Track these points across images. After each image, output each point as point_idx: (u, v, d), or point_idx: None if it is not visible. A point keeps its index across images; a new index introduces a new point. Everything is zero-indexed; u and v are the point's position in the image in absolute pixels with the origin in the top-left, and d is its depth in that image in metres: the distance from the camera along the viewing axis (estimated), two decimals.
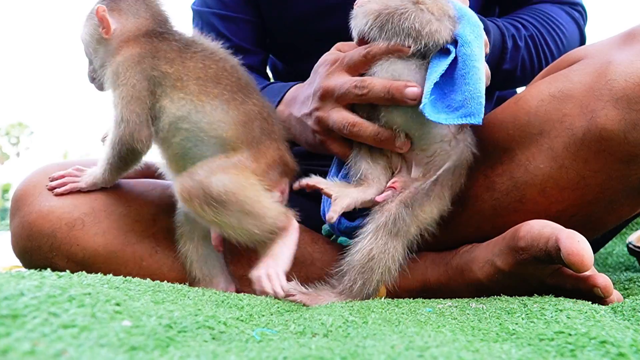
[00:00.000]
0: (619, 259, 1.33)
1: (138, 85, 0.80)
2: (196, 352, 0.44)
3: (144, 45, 0.83)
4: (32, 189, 0.87)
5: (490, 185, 0.84)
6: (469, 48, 0.74)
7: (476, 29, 0.76)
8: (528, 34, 1.00)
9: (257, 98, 0.84)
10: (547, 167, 0.79)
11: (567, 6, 1.08)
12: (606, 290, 0.73)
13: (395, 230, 0.77)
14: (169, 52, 0.82)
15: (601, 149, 0.75)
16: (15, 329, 0.42)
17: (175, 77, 0.81)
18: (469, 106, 0.72)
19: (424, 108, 0.72)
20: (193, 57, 0.83)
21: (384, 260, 0.77)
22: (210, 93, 0.81)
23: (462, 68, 0.73)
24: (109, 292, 0.55)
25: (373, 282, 0.77)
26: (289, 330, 0.56)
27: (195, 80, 0.81)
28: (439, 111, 0.73)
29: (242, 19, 1.11)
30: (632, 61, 0.74)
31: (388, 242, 0.77)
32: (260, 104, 0.84)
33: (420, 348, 0.45)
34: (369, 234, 0.77)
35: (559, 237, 0.70)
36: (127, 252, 0.85)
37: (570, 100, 0.78)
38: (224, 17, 1.12)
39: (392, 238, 0.77)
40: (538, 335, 0.52)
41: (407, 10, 0.75)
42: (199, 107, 0.80)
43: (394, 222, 0.77)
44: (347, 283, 0.77)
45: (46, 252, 0.84)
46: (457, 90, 0.73)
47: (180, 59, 0.82)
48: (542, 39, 1.01)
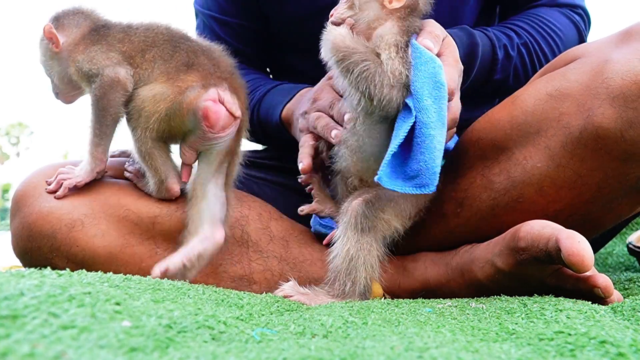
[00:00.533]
0: (619, 259, 1.33)
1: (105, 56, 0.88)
2: (196, 353, 0.44)
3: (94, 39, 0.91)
4: (32, 189, 0.87)
5: (487, 185, 0.84)
6: (425, 115, 0.74)
7: (437, 90, 0.75)
8: (522, 41, 0.99)
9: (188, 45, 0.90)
10: (545, 166, 0.79)
11: (566, 9, 1.07)
12: (607, 290, 0.73)
13: (361, 226, 0.80)
14: (118, 34, 0.90)
15: (598, 147, 0.75)
16: (15, 330, 0.42)
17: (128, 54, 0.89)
18: (423, 176, 0.75)
19: (380, 179, 0.74)
20: (136, 32, 0.90)
21: (362, 257, 0.79)
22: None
23: (419, 136, 0.74)
24: (109, 291, 0.55)
25: (361, 280, 0.79)
26: (288, 330, 0.56)
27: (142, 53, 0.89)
28: (396, 177, 0.76)
29: (239, 24, 1.12)
30: (629, 59, 0.74)
31: (360, 239, 0.79)
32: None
33: (419, 349, 0.45)
34: (340, 237, 0.80)
35: (559, 237, 0.70)
36: (126, 254, 0.85)
37: (567, 99, 0.78)
38: (221, 21, 1.13)
39: (362, 234, 0.80)
40: (538, 335, 0.52)
41: (367, 68, 0.76)
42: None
43: (358, 219, 0.80)
44: (338, 287, 0.79)
45: (46, 253, 0.84)
46: (413, 158, 0.75)
47: (127, 37, 0.90)
48: (537, 45, 1.00)
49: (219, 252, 0.86)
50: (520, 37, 1.00)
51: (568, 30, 1.05)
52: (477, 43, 0.94)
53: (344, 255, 0.79)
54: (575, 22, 1.06)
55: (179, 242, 0.85)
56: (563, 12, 1.06)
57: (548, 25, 1.02)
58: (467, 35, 0.94)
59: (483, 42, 0.95)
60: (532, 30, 1.01)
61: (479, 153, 0.86)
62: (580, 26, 1.07)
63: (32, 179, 0.89)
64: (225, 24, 1.13)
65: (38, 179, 0.88)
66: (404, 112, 0.76)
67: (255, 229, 0.90)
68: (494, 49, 0.97)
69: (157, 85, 0.86)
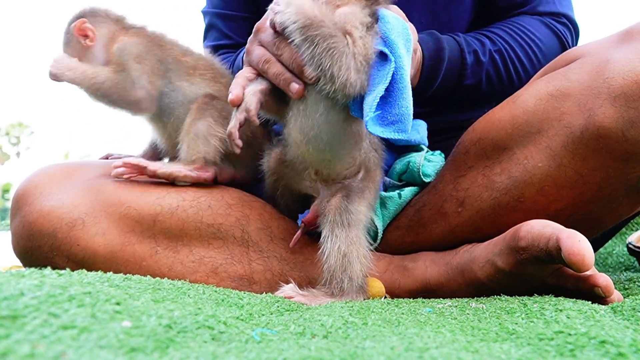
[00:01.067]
0: (619, 259, 1.33)
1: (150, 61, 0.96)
2: (196, 353, 0.44)
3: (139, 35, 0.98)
4: (33, 188, 0.87)
5: (488, 185, 0.84)
6: (402, 62, 0.73)
7: (408, 42, 0.76)
8: (495, 48, 0.99)
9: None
10: (546, 166, 0.79)
11: (549, 18, 1.06)
12: (607, 289, 0.73)
13: (347, 222, 0.80)
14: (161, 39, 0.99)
15: (599, 147, 0.75)
16: (15, 330, 0.42)
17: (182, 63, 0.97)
18: (403, 121, 0.73)
19: (367, 123, 0.72)
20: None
21: (355, 251, 0.80)
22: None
23: (399, 82, 0.73)
24: (109, 291, 0.55)
25: (358, 274, 0.80)
26: (288, 330, 0.56)
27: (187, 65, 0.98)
28: (374, 123, 0.73)
29: (241, 16, 1.18)
30: (630, 59, 0.74)
31: (348, 234, 0.80)
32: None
33: (419, 349, 0.45)
34: (328, 236, 0.80)
35: (559, 236, 0.70)
36: (127, 253, 0.85)
37: (568, 98, 0.78)
38: (225, 15, 1.19)
39: (349, 229, 0.80)
40: (538, 335, 0.52)
41: (334, 45, 0.73)
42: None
43: (343, 215, 0.81)
44: (335, 286, 0.79)
45: (46, 252, 0.84)
46: (393, 104, 0.73)
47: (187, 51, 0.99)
48: (513, 52, 1.00)
49: (219, 252, 0.87)
50: (494, 44, 1.00)
51: (548, 39, 1.04)
52: (444, 47, 0.95)
53: (336, 253, 0.79)
54: (557, 31, 1.06)
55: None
56: (545, 21, 1.06)
57: (526, 34, 1.02)
58: (434, 40, 0.95)
59: (451, 47, 0.96)
60: (509, 37, 1.01)
61: (480, 153, 0.86)
62: (562, 35, 1.06)
63: (33, 178, 0.89)
64: (229, 19, 1.19)
65: (39, 179, 0.89)
66: (377, 61, 0.74)
67: (255, 229, 0.90)
68: (462, 54, 0.97)
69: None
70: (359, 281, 0.80)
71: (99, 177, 0.91)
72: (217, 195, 0.91)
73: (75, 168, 0.93)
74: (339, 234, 0.80)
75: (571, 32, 1.08)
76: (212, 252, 0.88)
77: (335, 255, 0.79)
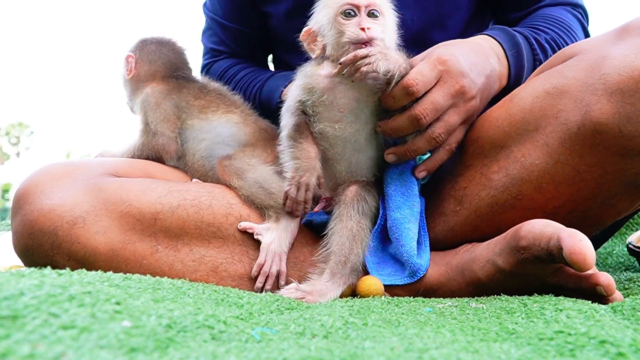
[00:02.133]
0: (619, 259, 1.33)
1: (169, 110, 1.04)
2: (196, 353, 0.44)
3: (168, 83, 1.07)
4: (33, 187, 0.87)
5: (486, 183, 0.84)
6: (399, 212, 0.86)
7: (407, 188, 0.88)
8: (549, 37, 1.00)
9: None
10: (543, 163, 0.80)
11: (570, 7, 1.08)
12: (609, 288, 0.72)
13: (360, 208, 0.85)
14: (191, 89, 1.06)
15: (596, 143, 0.76)
16: (15, 330, 0.42)
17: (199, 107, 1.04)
18: (410, 266, 0.85)
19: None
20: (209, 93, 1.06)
21: (363, 235, 0.84)
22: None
23: (395, 232, 0.86)
24: (109, 291, 0.55)
25: (360, 257, 0.84)
26: (288, 330, 0.56)
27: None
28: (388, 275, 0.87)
29: (238, 29, 1.26)
30: (626, 55, 0.75)
31: (360, 220, 0.85)
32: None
33: (419, 350, 0.45)
34: (340, 216, 0.85)
35: (560, 236, 0.70)
36: (127, 251, 0.85)
37: (564, 95, 0.79)
38: (223, 25, 1.27)
39: (360, 215, 0.85)
40: (538, 335, 0.52)
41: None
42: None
43: (360, 202, 0.85)
44: (338, 264, 0.83)
45: (47, 250, 0.84)
46: (397, 254, 0.86)
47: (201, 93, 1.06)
48: (561, 40, 1.01)
49: (219, 251, 0.87)
50: (546, 33, 1.01)
51: (577, 26, 1.06)
52: (514, 34, 0.96)
53: (347, 231, 0.83)
54: (579, 18, 1.08)
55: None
56: (568, 10, 1.07)
57: (563, 22, 1.03)
58: (502, 31, 0.96)
59: (518, 34, 0.96)
60: (553, 27, 1.02)
61: (478, 151, 0.86)
62: (583, 22, 1.08)
63: (34, 177, 0.89)
64: (226, 28, 1.27)
65: (40, 177, 0.89)
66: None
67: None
68: (528, 40, 0.97)
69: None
70: (357, 264, 0.83)
71: (100, 175, 0.91)
72: (217, 195, 0.91)
73: (76, 167, 0.93)
74: (353, 216, 0.84)
75: (587, 22, 1.11)
76: (213, 251, 0.88)
77: (346, 233, 0.83)
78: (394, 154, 0.86)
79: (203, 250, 0.88)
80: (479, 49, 0.89)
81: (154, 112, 1.03)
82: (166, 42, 1.12)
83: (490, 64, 0.89)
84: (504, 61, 0.93)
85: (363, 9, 0.83)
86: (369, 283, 0.83)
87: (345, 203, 0.85)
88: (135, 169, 0.97)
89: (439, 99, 0.82)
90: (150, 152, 1.03)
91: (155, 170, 0.99)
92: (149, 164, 1.02)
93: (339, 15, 0.84)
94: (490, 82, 0.88)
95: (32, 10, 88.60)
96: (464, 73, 0.83)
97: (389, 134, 0.85)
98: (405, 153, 0.85)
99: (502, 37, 0.94)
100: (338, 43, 0.84)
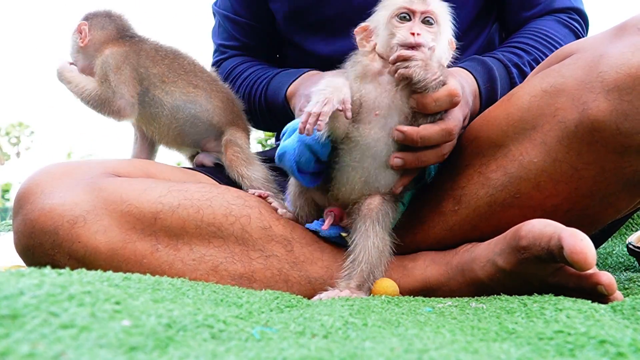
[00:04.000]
0: (618, 259, 1.33)
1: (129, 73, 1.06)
2: (195, 352, 0.44)
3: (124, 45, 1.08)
4: (34, 187, 0.88)
5: (485, 182, 0.85)
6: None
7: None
8: (531, 58, 1.02)
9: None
10: (541, 161, 0.80)
11: (563, 15, 1.09)
12: (610, 287, 0.72)
13: (382, 222, 0.84)
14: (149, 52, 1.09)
15: (594, 141, 0.76)
16: (15, 329, 0.42)
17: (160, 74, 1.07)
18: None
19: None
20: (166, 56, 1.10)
21: (386, 251, 0.84)
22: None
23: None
24: (108, 290, 0.55)
25: (382, 272, 0.84)
26: (288, 329, 0.56)
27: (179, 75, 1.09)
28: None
29: (247, 23, 1.26)
30: (623, 52, 0.75)
31: (383, 236, 0.84)
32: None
33: (419, 350, 0.45)
34: (364, 231, 0.83)
35: (561, 235, 0.70)
36: (127, 250, 0.85)
37: (562, 94, 0.79)
38: (233, 20, 1.27)
39: (383, 230, 0.84)
40: (537, 335, 0.52)
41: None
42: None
43: (382, 216, 0.84)
44: (363, 278, 0.82)
45: (48, 250, 0.84)
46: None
47: (158, 56, 1.09)
48: (546, 57, 1.02)
49: (219, 250, 0.88)
50: (529, 54, 1.03)
51: (568, 38, 1.07)
52: (492, 67, 0.98)
53: (375, 249, 0.82)
54: (574, 29, 1.08)
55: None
56: (561, 19, 1.08)
57: (552, 38, 1.05)
58: (481, 64, 0.98)
59: (496, 66, 0.99)
60: (538, 45, 1.04)
61: (476, 150, 0.87)
62: (578, 32, 1.09)
63: (35, 177, 0.89)
64: (236, 23, 1.27)
65: (41, 177, 0.89)
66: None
67: (256, 228, 0.90)
68: (507, 70, 1.00)
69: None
70: (374, 279, 0.83)
71: (100, 175, 0.91)
72: (218, 194, 0.91)
73: (76, 167, 0.93)
74: (378, 232, 0.83)
75: (582, 26, 1.11)
76: (213, 251, 0.88)
77: (373, 251, 0.82)
78: (402, 159, 0.83)
79: (203, 249, 0.88)
80: (465, 85, 0.91)
81: (114, 74, 1.05)
82: (111, 11, 1.14)
83: (470, 100, 0.92)
84: (478, 96, 0.97)
85: (418, 15, 0.83)
86: (385, 285, 0.83)
87: (370, 217, 0.84)
88: (136, 169, 0.97)
89: (460, 118, 0.85)
90: (102, 105, 1.06)
91: (156, 170, 0.99)
92: (149, 164, 1.02)
93: (394, 18, 0.84)
94: (468, 118, 0.92)
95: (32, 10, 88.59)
96: (468, 103, 0.90)
97: (415, 141, 0.82)
98: (413, 162, 0.83)
99: (478, 70, 0.97)
100: (388, 44, 0.84)
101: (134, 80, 1.06)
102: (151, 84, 1.07)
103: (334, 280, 0.85)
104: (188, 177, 1.03)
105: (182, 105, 1.07)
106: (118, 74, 1.05)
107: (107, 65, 1.05)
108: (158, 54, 1.09)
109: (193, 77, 1.09)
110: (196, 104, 1.08)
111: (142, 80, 1.06)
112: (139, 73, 1.06)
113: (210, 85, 1.11)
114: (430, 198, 0.91)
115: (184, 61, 1.11)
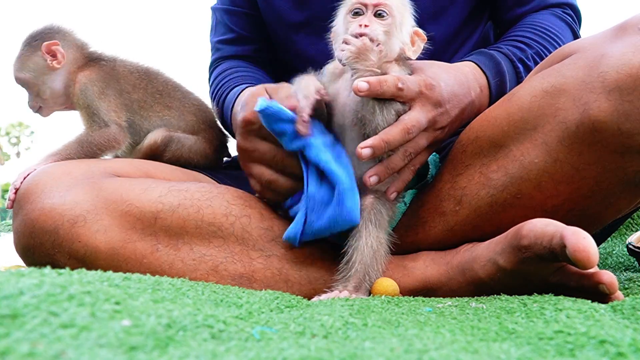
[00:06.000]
0: (619, 259, 1.33)
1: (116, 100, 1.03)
2: (195, 351, 0.44)
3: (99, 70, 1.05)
4: (34, 187, 0.88)
5: (485, 182, 0.85)
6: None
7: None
8: (533, 51, 1.01)
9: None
10: (542, 162, 0.80)
11: (558, 9, 1.08)
12: (612, 286, 0.72)
13: (377, 221, 0.83)
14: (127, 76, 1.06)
15: (595, 141, 0.76)
16: (15, 329, 0.42)
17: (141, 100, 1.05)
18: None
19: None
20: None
21: (382, 250, 0.83)
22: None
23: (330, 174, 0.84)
24: (108, 290, 0.55)
25: (379, 272, 0.83)
26: (288, 329, 0.56)
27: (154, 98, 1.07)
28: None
29: (245, 12, 1.25)
30: (624, 52, 0.75)
31: (378, 235, 0.83)
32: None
33: (419, 351, 0.45)
34: (360, 232, 0.82)
35: (564, 234, 0.70)
36: (128, 250, 0.86)
37: (563, 94, 0.79)
38: (230, 11, 1.26)
39: (378, 229, 0.83)
40: (537, 335, 0.52)
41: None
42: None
43: (375, 214, 0.83)
44: (360, 279, 0.81)
45: (48, 249, 0.84)
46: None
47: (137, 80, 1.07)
48: (547, 51, 1.01)
49: (219, 250, 0.88)
50: (531, 48, 1.02)
51: (565, 31, 1.06)
52: (500, 62, 0.97)
53: (369, 249, 0.82)
54: (568, 22, 1.08)
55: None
56: (556, 13, 1.08)
57: (550, 30, 1.04)
58: (488, 58, 0.97)
59: (503, 60, 0.98)
60: (538, 38, 1.03)
61: (477, 151, 0.87)
62: (573, 26, 1.08)
63: (35, 177, 0.90)
64: (234, 14, 1.26)
65: (41, 177, 0.89)
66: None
67: (256, 228, 0.90)
68: (513, 64, 0.99)
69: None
70: (373, 280, 0.82)
71: (100, 175, 0.91)
72: (218, 194, 0.91)
73: (77, 167, 0.93)
74: (372, 232, 0.82)
75: (575, 21, 1.10)
76: (213, 251, 0.88)
77: (367, 250, 0.81)
78: (375, 174, 0.83)
79: (203, 249, 0.88)
80: (463, 81, 0.90)
81: (100, 101, 1.01)
82: (64, 28, 1.08)
83: (470, 97, 0.90)
84: (486, 91, 0.95)
85: (370, 8, 0.83)
86: (385, 285, 0.83)
87: (362, 217, 0.83)
88: (136, 169, 0.97)
89: (421, 119, 0.83)
90: (103, 144, 1.01)
91: (155, 170, 0.99)
92: (149, 164, 1.02)
93: (348, 14, 0.85)
94: (465, 114, 0.90)
95: (32, 10, 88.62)
96: (440, 103, 0.85)
97: (382, 148, 0.81)
98: (385, 172, 0.83)
99: (487, 65, 0.96)
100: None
101: (122, 104, 1.03)
102: (131, 110, 1.04)
103: (333, 281, 0.84)
104: (188, 177, 1.03)
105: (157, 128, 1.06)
106: (104, 101, 1.01)
107: (90, 92, 1.01)
108: (133, 76, 1.06)
109: (167, 98, 1.08)
110: (170, 125, 1.07)
111: (127, 108, 1.04)
112: (124, 99, 1.03)
113: (182, 103, 1.09)
114: (431, 198, 0.91)
115: (157, 82, 1.08)
